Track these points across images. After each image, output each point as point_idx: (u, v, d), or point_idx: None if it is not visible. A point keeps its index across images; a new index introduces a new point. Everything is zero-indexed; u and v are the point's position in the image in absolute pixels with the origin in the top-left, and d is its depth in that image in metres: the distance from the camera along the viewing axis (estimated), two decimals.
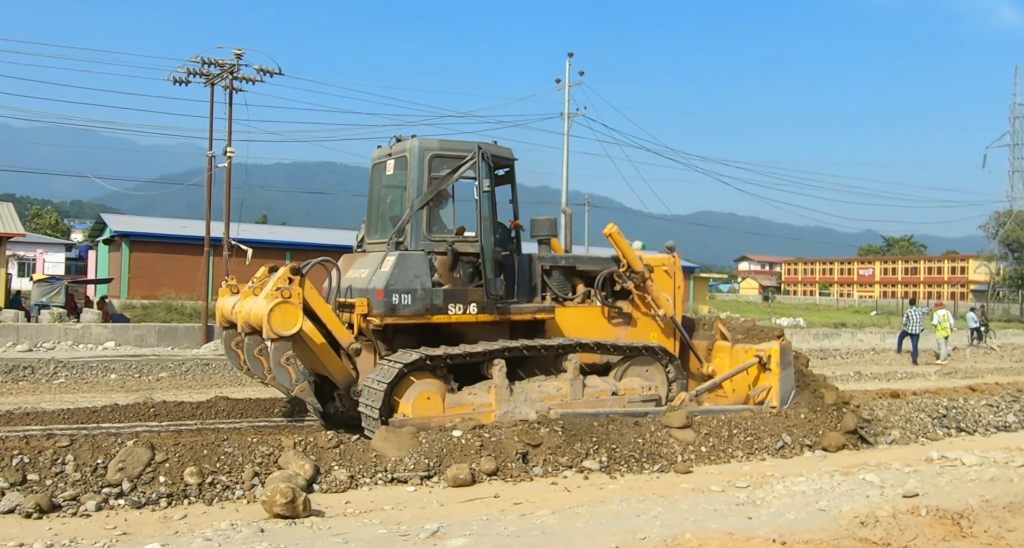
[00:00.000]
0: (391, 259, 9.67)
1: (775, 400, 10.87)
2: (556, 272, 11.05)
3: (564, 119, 34.98)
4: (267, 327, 8.73)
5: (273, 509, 6.55)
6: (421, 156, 9.95)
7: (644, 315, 11.51)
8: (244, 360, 10.09)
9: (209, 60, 24.18)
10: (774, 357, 10.98)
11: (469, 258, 10.02)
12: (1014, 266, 67.68)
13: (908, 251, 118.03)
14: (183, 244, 35.95)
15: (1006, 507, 7.08)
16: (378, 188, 11.10)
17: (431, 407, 9.34)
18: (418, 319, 9.65)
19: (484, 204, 9.87)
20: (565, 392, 10.14)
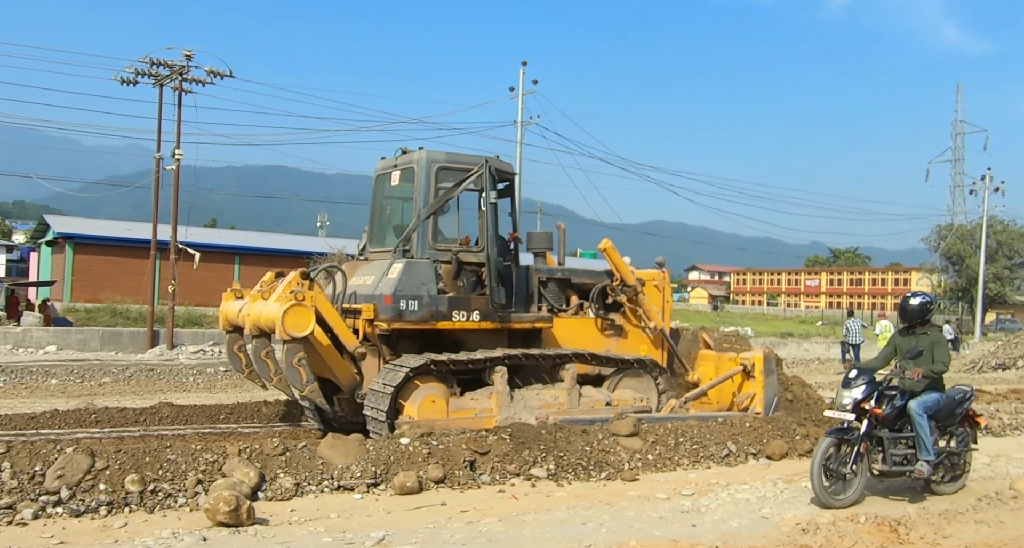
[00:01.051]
0: (398, 266, 9.95)
1: (759, 406, 11.32)
2: (552, 284, 11.38)
3: (517, 127, 35.09)
4: (280, 328, 8.95)
5: (216, 517, 6.46)
6: (428, 168, 10.28)
7: (634, 327, 11.90)
8: (246, 364, 10.65)
9: (158, 61, 23.86)
10: (758, 365, 11.44)
11: (472, 267, 10.33)
12: (954, 279, 69.27)
13: (853, 263, 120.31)
14: (129, 247, 35.31)
15: (942, 514, 7.26)
16: (381, 198, 11.42)
17: (436, 410, 9.63)
18: (423, 325, 9.94)
19: (489, 216, 10.24)
20: (562, 401, 10.43)
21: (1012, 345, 26.90)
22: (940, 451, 8.01)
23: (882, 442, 7.83)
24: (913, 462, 7.86)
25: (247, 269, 40.83)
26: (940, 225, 71.47)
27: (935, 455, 7.83)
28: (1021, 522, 7.18)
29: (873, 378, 7.84)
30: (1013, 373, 24.49)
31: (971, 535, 6.75)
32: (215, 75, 24.32)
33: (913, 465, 7.83)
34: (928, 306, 8.24)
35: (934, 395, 7.97)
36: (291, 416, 12.38)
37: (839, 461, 7.58)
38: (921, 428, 7.77)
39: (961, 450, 8.29)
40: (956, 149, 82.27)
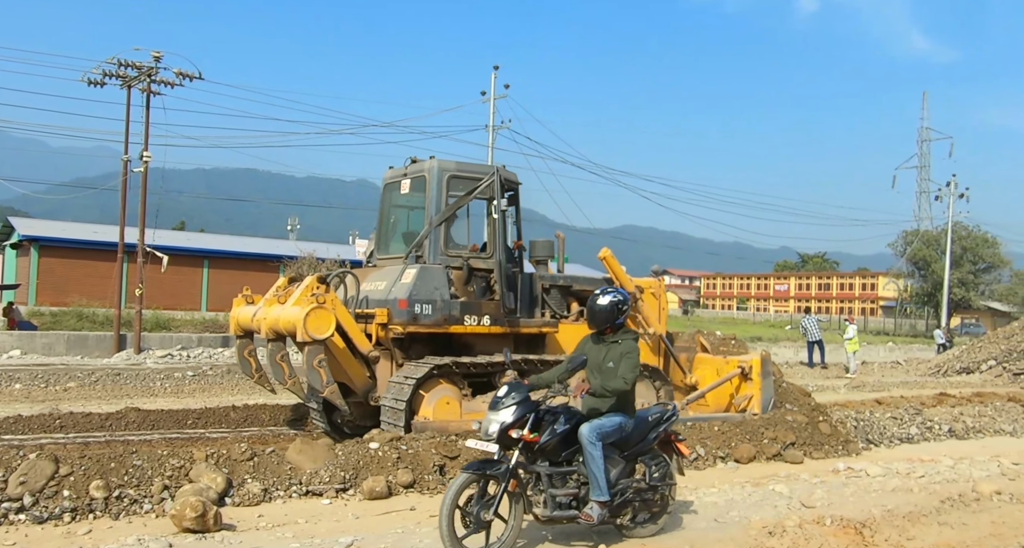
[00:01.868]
0: (412, 272, 10.21)
1: (757, 407, 11.68)
2: (554, 290, 11.66)
3: (489, 131, 35.12)
4: (302, 331, 9.12)
5: (182, 523, 6.40)
6: (440, 176, 10.55)
7: None
8: (256, 368, 11.06)
9: (126, 62, 23.60)
10: (755, 367, 11.82)
11: (482, 273, 10.62)
12: (920, 283, 70.14)
13: (822, 268, 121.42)
14: (95, 250, 34.93)
15: (906, 517, 7.35)
16: (390, 206, 11.65)
17: (450, 411, 9.93)
18: (437, 329, 10.22)
19: (499, 224, 10.54)
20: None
21: (976, 349, 27.30)
22: (626, 486, 6.44)
23: (542, 479, 6.18)
24: (586, 503, 6.27)
25: (216, 273, 40.54)
26: (906, 231, 72.45)
27: (610, 494, 6.24)
28: (983, 524, 7.28)
29: (528, 397, 6.22)
30: (977, 377, 24.86)
31: (935, 537, 6.84)
32: (184, 77, 24.11)
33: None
34: (620, 307, 6.63)
35: (615, 418, 6.41)
36: (259, 421, 12.32)
37: (481, 504, 5.94)
38: (592, 460, 6.18)
39: (657, 484, 6.59)
40: (922, 156, 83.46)
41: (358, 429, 10.47)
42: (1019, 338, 25.72)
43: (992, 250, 66.96)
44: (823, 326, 27.39)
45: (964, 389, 20.87)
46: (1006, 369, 24.61)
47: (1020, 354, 24.82)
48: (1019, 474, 9.52)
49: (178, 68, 24.03)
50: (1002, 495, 8.25)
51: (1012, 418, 14.24)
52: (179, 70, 24.03)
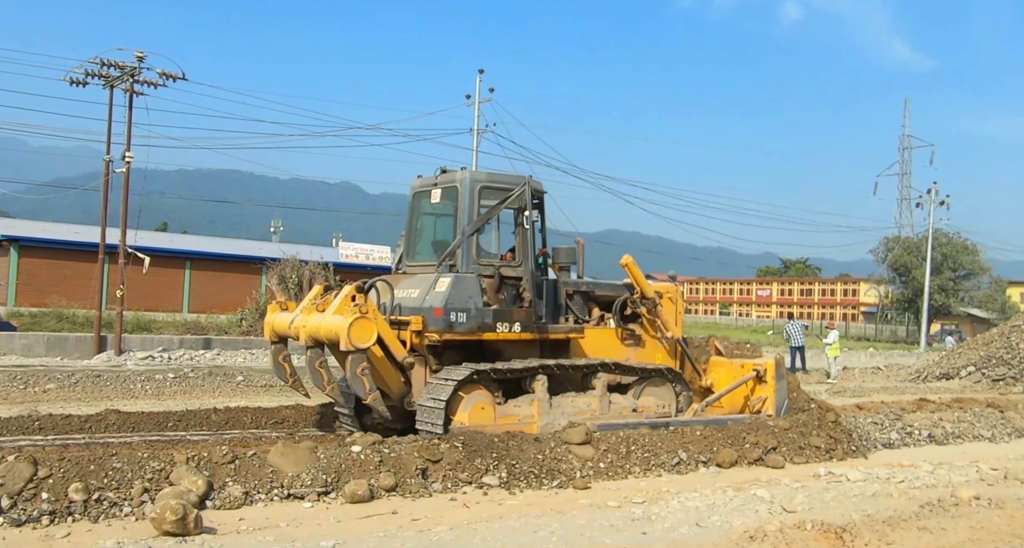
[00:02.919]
0: (446, 280, 10.46)
1: (771, 409, 12.11)
2: (577, 296, 11.95)
3: (473, 135, 35.15)
4: (346, 340, 9.33)
5: (162, 526, 6.36)
6: (472, 187, 10.83)
7: (651, 337, 12.54)
8: (290, 373, 11.38)
9: (109, 62, 23.44)
10: (770, 370, 12.26)
11: (512, 281, 10.90)
12: (901, 290, 70.58)
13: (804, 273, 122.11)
14: (76, 251, 34.66)
15: (886, 521, 7.40)
16: (419, 215, 11.92)
17: (485, 416, 10.17)
18: (471, 336, 10.48)
19: (529, 233, 10.92)
20: (595, 407, 11.04)
21: (955, 355, 27.49)
22: None
23: None
24: None
25: (198, 274, 40.31)
26: (888, 237, 72.97)
27: None
28: (962, 528, 7.33)
29: None
30: (956, 383, 25.03)
31: (914, 541, 6.89)
32: (167, 77, 23.95)
33: None
34: None
35: None
36: (241, 423, 12.25)
37: None
38: None
39: None
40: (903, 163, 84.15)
41: (388, 432, 10.55)
42: (998, 344, 25.90)
43: (972, 257, 67.48)
44: (805, 332, 27.53)
45: (944, 395, 21.00)
46: (985, 375, 24.79)
47: (999, 360, 25.00)
48: (997, 479, 9.59)
49: (161, 68, 23.88)
50: (980, 500, 8.30)
51: (991, 424, 14.34)
52: (162, 71, 23.88)
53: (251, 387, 17.72)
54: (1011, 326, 26.95)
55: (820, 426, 11.49)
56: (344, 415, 11.71)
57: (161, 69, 23.89)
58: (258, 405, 13.52)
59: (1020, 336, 25.42)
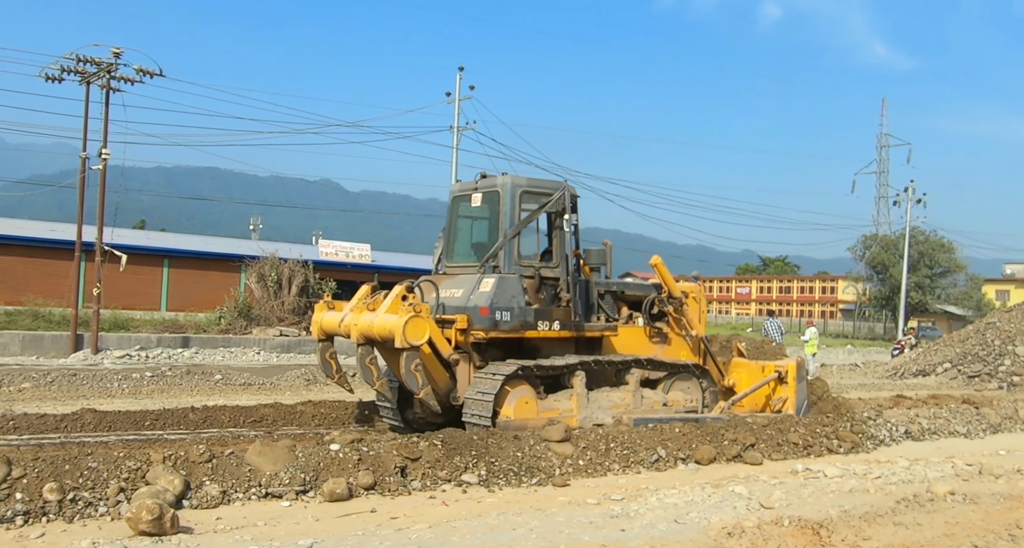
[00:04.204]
0: (490, 281, 10.92)
1: (791, 409, 12.64)
2: (608, 296, 12.46)
3: (454, 132, 35.04)
4: (401, 337, 9.80)
5: (139, 526, 6.31)
6: (513, 192, 11.29)
7: (677, 335, 13.07)
8: (336, 369, 11.86)
9: (85, 58, 23.23)
10: (791, 372, 12.80)
11: (551, 281, 11.37)
12: (878, 287, 71.11)
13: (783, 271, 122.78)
14: (52, 248, 34.32)
15: (862, 517, 7.44)
16: (458, 217, 12.40)
17: (529, 410, 10.62)
18: (515, 334, 10.95)
19: (569, 236, 11.37)
20: (628, 402, 11.57)
21: (932, 352, 27.74)
22: None
23: None
24: None
25: (176, 272, 40.02)
26: (865, 235, 73.52)
27: None
28: (937, 524, 7.39)
29: None
30: (933, 379, 25.29)
31: (890, 537, 6.93)
32: (144, 74, 23.77)
33: None
34: None
35: None
36: (218, 422, 12.18)
37: None
38: None
39: None
40: (881, 162, 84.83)
41: (428, 426, 11.02)
42: (973, 341, 26.17)
43: (948, 255, 68.12)
44: (785, 329, 27.69)
45: (920, 391, 21.22)
46: (960, 372, 25.05)
47: (974, 357, 25.26)
48: (972, 475, 9.68)
49: (138, 65, 23.71)
50: (956, 495, 8.37)
51: (966, 420, 14.49)
52: (139, 67, 23.70)
53: (229, 386, 17.63)
54: (986, 323, 27.24)
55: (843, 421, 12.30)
56: (386, 409, 12.13)
57: (138, 65, 23.72)
58: (236, 404, 13.44)
59: (995, 333, 25.69)
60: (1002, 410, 15.58)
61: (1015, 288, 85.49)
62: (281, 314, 29.77)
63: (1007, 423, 14.90)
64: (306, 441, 9.31)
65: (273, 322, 29.21)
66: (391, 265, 52.52)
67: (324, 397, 15.47)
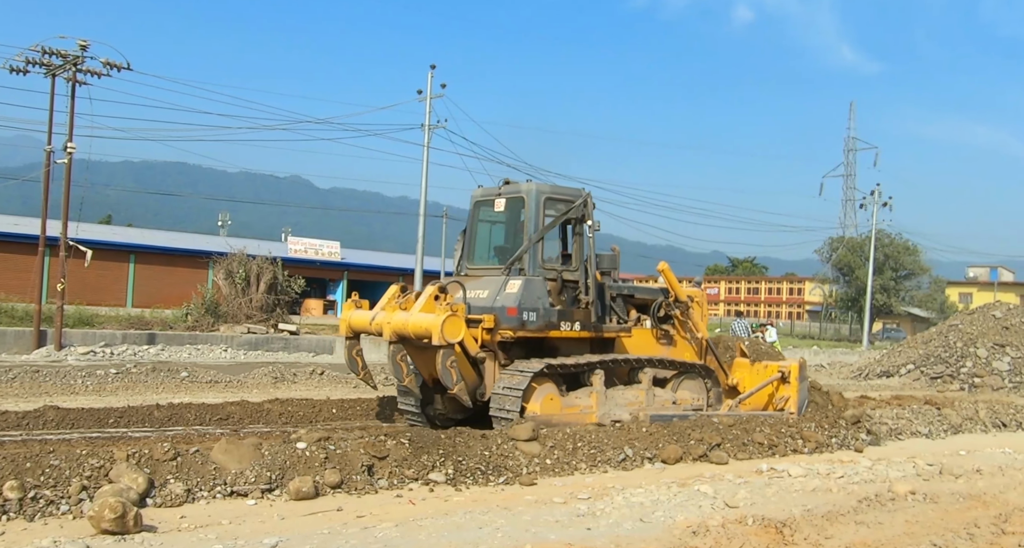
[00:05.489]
0: (517, 283, 11.42)
1: (793, 408, 13.12)
2: (619, 299, 12.88)
3: (424, 130, 34.94)
4: (439, 335, 10.30)
5: (101, 525, 6.24)
6: (538, 198, 11.80)
7: (682, 337, 13.61)
8: (362, 366, 12.41)
9: (51, 50, 22.89)
10: (793, 372, 13.32)
11: (571, 284, 11.85)
12: (845, 289, 71.95)
13: (751, 272, 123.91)
14: (16, 243, 33.90)
15: (825, 516, 7.54)
16: (479, 221, 12.84)
17: (553, 406, 11.11)
18: (540, 333, 11.46)
19: (588, 241, 11.88)
20: (641, 400, 12.04)
21: (896, 353, 28.10)
22: None
23: None
24: None
25: (142, 268, 39.64)
26: (832, 237, 74.33)
27: None
28: (898, 523, 7.51)
29: None
30: (896, 380, 25.61)
31: (851, 535, 7.03)
32: (111, 67, 23.48)
33: None
34: None
35: None
36: (184, 420, 12.08)
37: None
38: None
39: None
40: (848, 165, 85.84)
41: (448, 422, 11.64)
42: (936, 343, 26.53)
43: (913, 257, 69.05)
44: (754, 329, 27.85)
45: (884, 392, 21.50)
46: (924, 373, 25.39)
47: (937, 359, 25.62)
48: (933, 475, 9.83)
49: (105, 58, 23.41)
50: (916, 495, 8.51)
51: (928, 421, 14.69)
52: (106, 60, 23.40)
53: (196, 383, 17.48)
54: (949, 325, 27.61)
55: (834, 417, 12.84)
56: (408, 405, 12.56)
57: (105, 58, 23.42)
58: (202, 401, 13.34)
59: (957, 335, 26.06)
60: (963, 411, 15.82)
61: (977, 291, 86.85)
62: (249, 311, 29.56)
63: (968, 424, 15.13)
64: (273, 439, 9.24)
65: (241, 319, 29.00)
66: (361, 263, 52.40)
67: (291, 395, 15.40)
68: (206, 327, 27.92)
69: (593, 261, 11.92)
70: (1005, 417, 15.82)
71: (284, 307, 31.48)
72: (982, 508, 8.17)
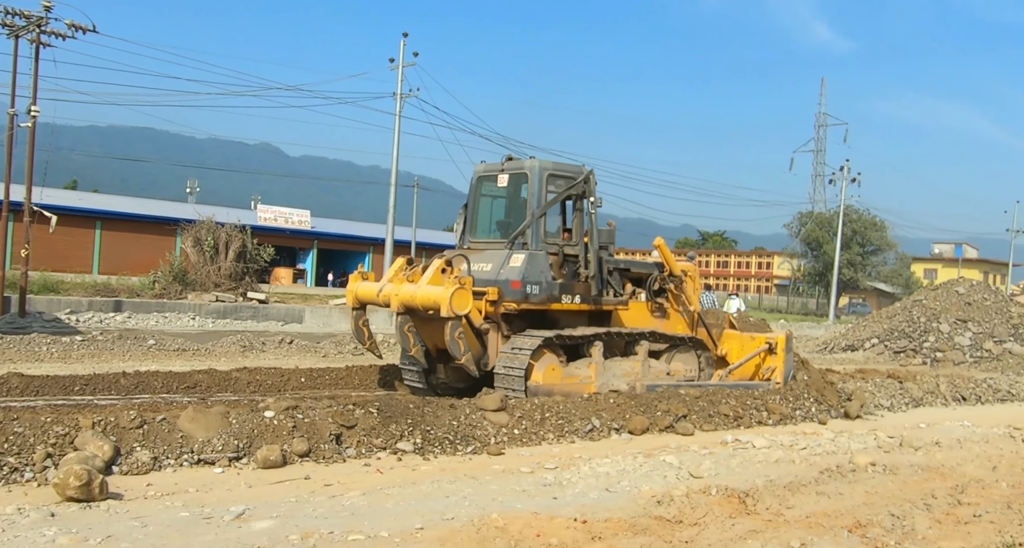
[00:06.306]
0: (520, 256, 11.65)
1: (779, 378, 13.60)
2: (615, 273, 13.10)
3: (396, 99, 34.66)
4: (448, 307, 10.54)
5: (66, 492, 6.22)
6: (541, 174, 12.04)
7: (675, 310, 13.96)
8: (368, 336, 12.73)
9: (14, 10, 22.37)
10: (780, 343, 13.76)
11: (572, 258, 12.12)
12: (813, 264, 72.69)
13: (721, 246, 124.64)
14: None
15: (787, 486, 7.67)
16: (481, 195, 13.10)
17: (555, 376, 11.42)
18: (542, 306, 11.75)
19: (590, 217, 12.19)
20: (638, 371, 12.40)
21: (861, 327, 28.46)
22: None
23: None
24: None
25: (109, 235, 39.16)
26: (801, 212, 74.98)
27: None
28: (858, 493, 7.65)
29: None
30: (861, 354, 25.96)
31: (812, 505, 7.16)
32: (76, 29, 23.00)
33: None
34: None
35: None
36: (151, 388, 12.01)
37: None
38: None
39: None
40: (819, 140, 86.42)
41: (450, 391, 12.06)
42: (900, 318, 26.90)
43: (880, 233, 69.89)
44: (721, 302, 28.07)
45: (848, 366, 21.80)
46: (887, 347, 25.77)
47: (900, 333, 25.99)
48: (893, 447, 10.01)
49: (70, 20, 22.93)
50: (876, 466, 8.67)
51: (890, 394, 14.96)
52: (71, 22, 22.92)
53: (163, 351, 17.36)
54: (913, 301, 27.99)
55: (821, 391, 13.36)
56: (412, 373, 12.94)
57: (70, 20, 22.93)
58: (169, 369, 13.25)
59: (921, 310, 26.45)
60: (924, 385, 16.12)
61: (942, 267, 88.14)
62: (218, 279, 29.35)
63: (928, 397, 15.42)
64: (240, 408, 9.21)
65: (209, 287, 28.79)
66: (331, 232, 52.04)
67: (260, 364, 15.33)
68: (174, 295, 27.70)
69: (595, 236, 12.18)
70: (965, 391, 16.15)
71: (253, 276, 31.28)
72: (940, 479, 8.34)
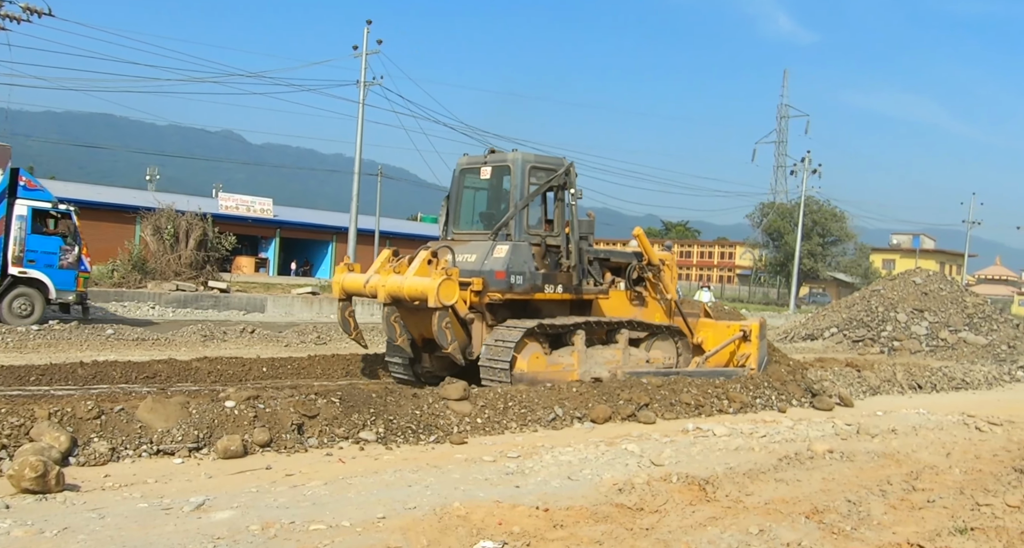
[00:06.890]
0: (504, 247, 11.85)
1: (753, 364, 13.95)
2: (595, 263, 13.28)
3: (360, 87, 34.39)
4: (435, 298, 10.81)
5: (21, 484, 6.13)
6: (523, 167, 12.21)
7: (653, 298, 14.14)
8: (354, 326, 12.88)
9: None
10: (754, 331, 14.09)
11: (554, 249, 12.35)
12: (774, 254, 73.46)
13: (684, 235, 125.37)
14: None
15: (746, 474, 7.77)
16: (464, 188, 13.24)
17: (539, 364, 11.69)
18: (526, 296, 11.95)
19: (572, 208, 12.33)
20: (618, 359, 12.69)
21: (820, 317, 28.85)
22: None
23: None
24: None
25: None
26: (763, 203, 75.71)
27: None
28: (815, 480, 7.77)
29: None
30: (820, 343, 26.32)
31: (771, 492, 7.26)
32: (32, 12, 22.59)
33: None
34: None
35: None
36: (109, 378, 11.86)
37: None
38: None
39: None
40: (780, 132, 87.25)
41: (436, 380, 11.87)
42: (859, 308, 27.30)
43: (840, 224, 70.78)
44: (684, 292, 28.33)
45: (808, 354, 22.10)
46: (846, 336, 26.15)
47: (859, 323, 26.38)
48: (850, 434, 10.18)
49: (25, 3, 22.49)
50: (834, 453, 8.81)
51: (848, 382, 15.19)
52: (26, 5, 22.49)
53: (121, 340, 17.13)
54: (871, 290, 28.42)
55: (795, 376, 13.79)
56: (397, 364, 13.07)
57: (25, 3, 22.50)
58: (128, 359, 13.11)
59: (879, 300, 26.86)
60: (882, 373, 16.40)
61: (900, 257, 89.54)
62: (178, 268, 29.01)
63: (886, 385, 15.68)
64: (201, 398, 9.15)
65: (169, 276, 28.44)
66: (294, 220, 51.57)
67: (221, 353, 15.21)
68: (133, 284, 27.33)
69: (575, 227, 12.30)
70: (921, 379, 16.45)
71: (214, 264, 30.96)
72: (895, 466, 8.50)
